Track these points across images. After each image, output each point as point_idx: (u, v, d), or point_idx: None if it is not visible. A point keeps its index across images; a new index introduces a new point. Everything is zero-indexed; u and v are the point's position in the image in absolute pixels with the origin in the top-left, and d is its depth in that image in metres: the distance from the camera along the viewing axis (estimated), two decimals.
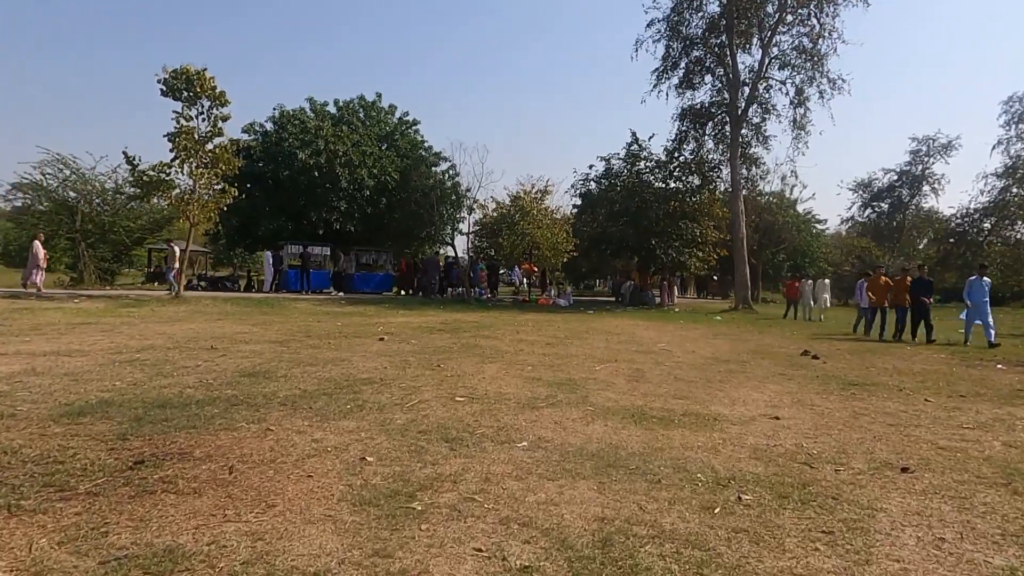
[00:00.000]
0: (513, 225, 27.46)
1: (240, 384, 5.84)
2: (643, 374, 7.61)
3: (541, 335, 12.29)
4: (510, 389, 6.18)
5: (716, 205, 27.59)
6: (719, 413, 5.44)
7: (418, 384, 6.25)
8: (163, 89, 16.60)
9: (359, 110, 28.44)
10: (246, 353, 8.05)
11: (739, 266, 24.89)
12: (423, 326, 13.16)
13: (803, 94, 25.49)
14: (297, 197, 25.11)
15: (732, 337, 13.62)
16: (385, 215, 27.38)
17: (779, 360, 9.70)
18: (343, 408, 4.98)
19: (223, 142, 18.06)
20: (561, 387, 6.41)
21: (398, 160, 27.25)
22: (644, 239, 25.98)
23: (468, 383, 6.43)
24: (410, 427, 4.46)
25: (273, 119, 26.95)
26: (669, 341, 12.14)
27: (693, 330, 15.26)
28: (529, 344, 10.54)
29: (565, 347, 10.38)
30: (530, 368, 7.73)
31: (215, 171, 17.74)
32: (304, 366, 7.15)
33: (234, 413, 4.64)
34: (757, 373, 8.13)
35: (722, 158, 27.38)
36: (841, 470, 3.86)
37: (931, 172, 57.93)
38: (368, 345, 9.49)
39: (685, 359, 9.34)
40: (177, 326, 11.37)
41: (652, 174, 27.93)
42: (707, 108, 26.70)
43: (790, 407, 5.86)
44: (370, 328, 12.31)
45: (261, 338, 9.93)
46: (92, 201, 22.30)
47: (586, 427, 4.72)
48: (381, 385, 6.12)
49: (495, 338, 11.30)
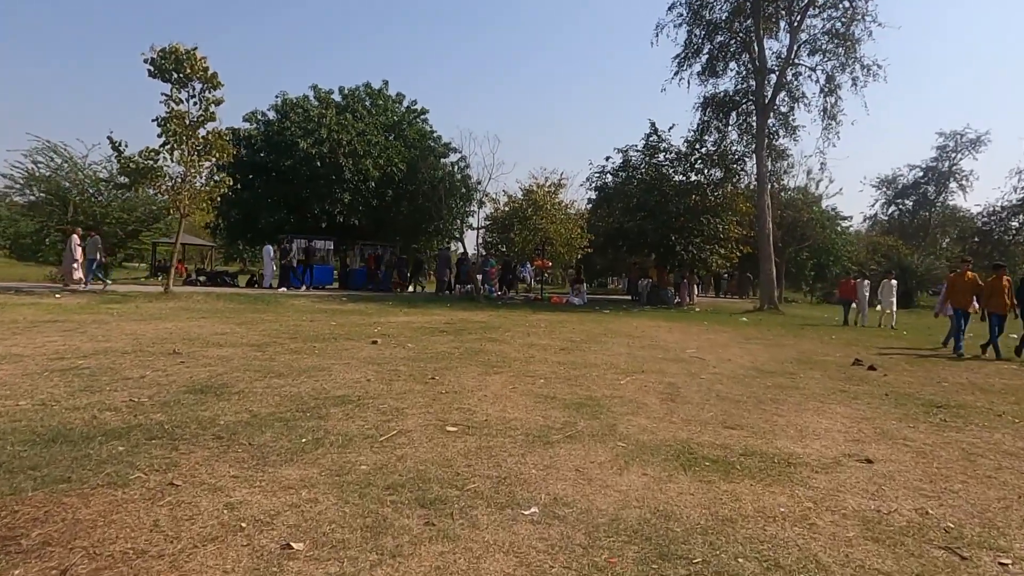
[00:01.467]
0: (525, 220, 26.22)
1: (179, 405, 4.65)
2: (678, 390, 6.33)
3: (555, 338, 11.04)
4: (517, 413, 4.94)
5: (739, 199, 26.13)
6: (790, 452, 4.16)
7: (403, 405, 5.03)
8: (151, 70, 15.50)
9: (365, 98, 27.24)
10: (211, 360, 6.88)
11: (764, 264, 23.43)
12: (425, 327, 11.96)
13: (834, 81, 23.94)
14: (299, 188, 24.00)
15: (766, 342, 12.28)
16: (391, 208, 26.18)
17: (830, 372, 8.37)
18: (295, 444, 3.77)
19: (217, 128, 17.00)
20: (581, 410, 5.16)
21: (405, 151, 26.03)
22: (663, 235, 24.58)
23: (466, 403, 5.20)
24: (376, 478, 3.23)
25: (276, 107, 25.85)
26: (698, 346, 10.83)
27: (721, 333, 13.92)
28: (541, 350, 9.30)
29: (582, 353, 9.12)
30: (542, 382, 6.48)
31: (207, 158, 16.67)
32: (271, 378, 5.95)
33: (141, 454, 3.43)
34: (813, 389, 6.83)
35: (746, 150, 25.90)
36: (1007, 561, 2.59)
37: (959, 168, 56.17)
38: (358, 350, 8.30)
39: (722, 369, 8.05)
40: (151, 325, 10.24)
41: (672, 167, 26.48)
42: (731, 97, 25.20)
43: (877, 442, 4.57)
44: (366, 329, 11.12)
45: (238, 340, 8.76)
46: (85, 191, 21.30)
47: (619, 476, 3.47)
48: (356, 406, 4.90)
49: (503, 342, 10.06)
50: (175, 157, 16.22)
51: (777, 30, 24.87)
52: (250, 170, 24.83)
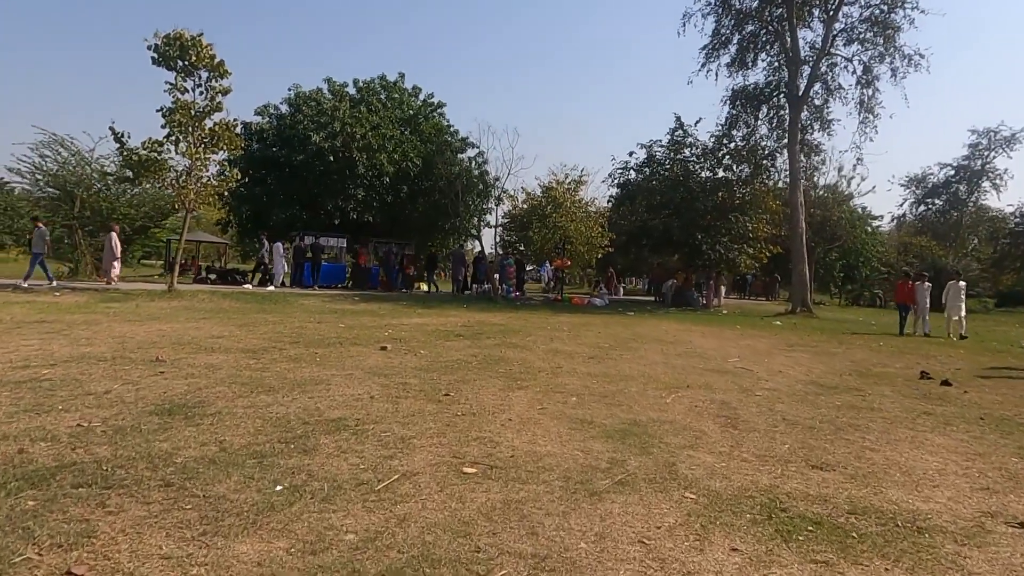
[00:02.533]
0: (544, 218, 25.26)
1: (134, 433, 3.78)
2: (736, 413, 5.36)
3: (581, 343, 10.09)
4: (550, 445, 4.01)
5: (769, 197, 24.95)
6: (912, 509, 3.19)
7: (410, 432, 4.12)
8: (155, 57, 14.79)
9: (380, 91, 26.39)
10: (196, 369, 6.03)
11: (797, 264, 22.24)
12: (440, 330, 11.07)
13: (872, 72, 22.71)
14: (311, 184, 23.23)
15: (813, 350, 11.22)
16: (407, 205, 25.33)
17: (900, 387, 7.33)
18: (263, 497, 2.86)
19: (225, 119, 16.25)
20: (627, 440, 4.22)
21: (421, 146, 25.14)
22: (689, 233, 23.48)
23: (486, 430, 4.28)
24: (366, 558, 2.32)
25: (289, 101, 25.12)
26: (739, 354, 9.81)
27: (758, 339, 12.88)
28: (568, 357, 8.35)
29: (615, 362, 8.16)
30: (574, 400, 5.54)
31: (213, 150, 15.94)
32: (258, 393, 5.08)
33: (53, 513, 2.55)
34: (892, 411, 5.81)
35: (777, 145, 24.75)
36: None
37: (992, 167, 54.36)
38: (364, 357, 7.42)
39: (777, 384, 7.05)
40: (144, 327, 9.46)
41: (699, 163, 25.36)
42: (761, 89, 24.06)
43: (1015, 492, 3.58)
44: (376, 332, 10.26)
45: (234, 345, 7.92)
46: (92, 186, 20.73)
47: (700, 554, 2.52)
48: (353, 434, 4.00)
49: (525, 348, 9.13)
50: (180, 149, 15.52)
51: (811, 19, 23.71)
52: (261, 165, 24.12)
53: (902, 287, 16.95)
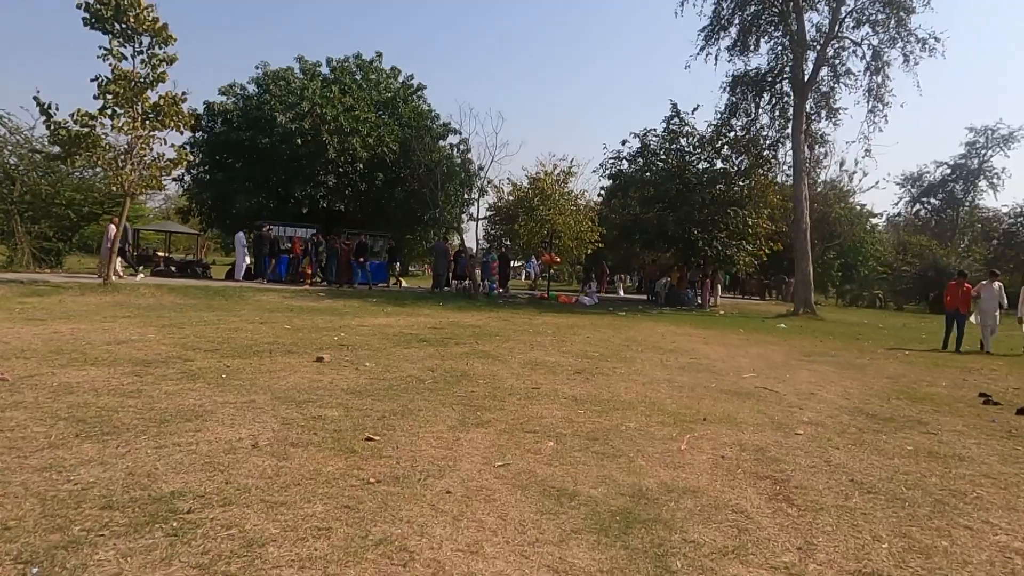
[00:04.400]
0: (531, 210, 23.65)
1: None
2: (782, 470, 3.75)
3: (566, 352, 8.48)
4: (501, 560, 2.38)
5: (770, 190, 23.46)
6: None
7: (270, 529, 2.47)
8: (86, 18, 12.95)
9: (355, 71, 24.50)
10: (39, 393, 4.37)
11: (801, 262, 20.70)
12: (403, 333, 9.43)
13: (882, 58, 21.18)
14: (279, 170, 21.39)
15: (834, 361, 9.67)
16: (382, 194, 23.52)
17: (970, 419, 5.76)
18: None
19: (173, 92, 14.46)
20: (630, 540, 2.60)
21: (399, 130, 23.31)
22: (685, 228, 21.91)
23: (402, 520, 2.64)
24: None
25: (256, 80, 23.21)
26: (754, 367, 8.24)
27: (768, 345, 11.33)
28: (549, 372, 6.74)
29: (606, 379, 6.55)
30: (552, 447, 3.92)
31: (156, 125, 14.12)
32: (85, 440, 3.42)
33: None
34: (990, 463, 4.22)
35: (779, 135, 23.21)
36: None
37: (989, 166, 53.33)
38: (287, 373, 5.76)
39: (817, 414, 5.46)
40: (38, 328, 7.73)
41: (695, 153, 23.77)
42: (764, 75, 22.48)
43: None
44: (324, 336, 8.60)
45: (129, 355, 6.23)
46: (35, 168, 18.83)
47: None
48: (169, 535, 2.36)
49: (499, 358, 7.51)
50: (117, 124, 13.70)
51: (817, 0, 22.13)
52: (225, 149, 22.24)
53: (954, 289, 12.98)
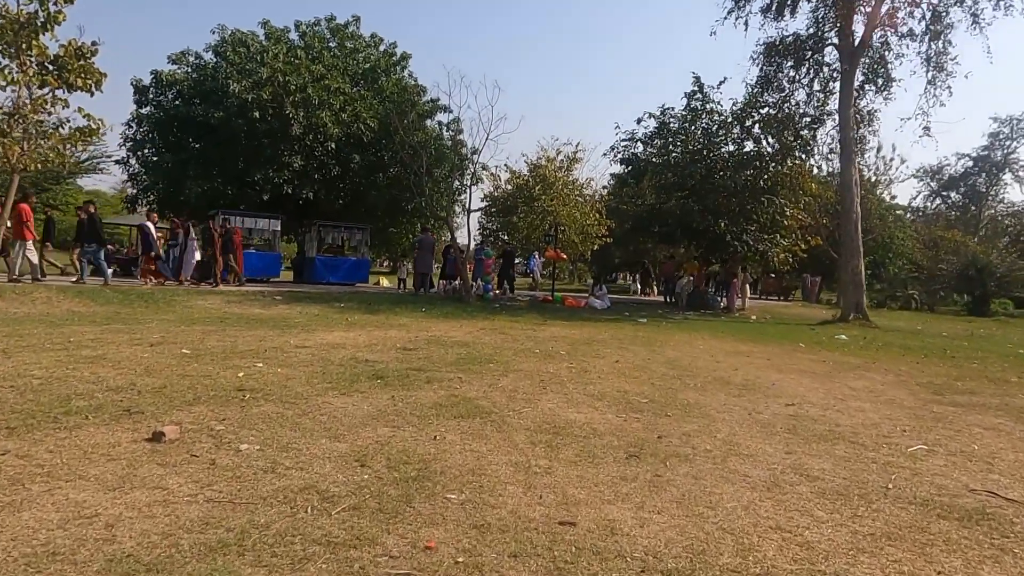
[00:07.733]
0: (532, 200, 20.53)
1: None
2: None
3: (596, 396, 5.27)
4: None
5: (805, 177, 20.33)
6: None
7: None
8: None
9: (328, 36, 21.24)
10: None
11: (851, 259, 17.57)
12: (353, 361, 6.26)
13: (943, 20, 18.04)
14: (236, 150, 18.17)
15: (987, 406, 6.52)
16: (360, 180, 20.30)
17: None
18: None
19: (81, 42, 11.32)
20: None
21: (378, 106, 20.10)
22: (711, 220, 18.76)
23: None
24: None
25: (213, 47, 19.94)
26: (900, 426, 5.09)
27: (867, 376, 8.15)
28: (583, 460, 3.50)
29: (694, 481, 3.34)
30: None
31: (54, 83, 10.98)
32: None
33: None
34: None
35: (818, 112, 20.10)
36: None
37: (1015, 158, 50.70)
38: (37, 494, 2.58)
39: None
40: None
41: (720, 135, 20.61)
42: (804, 41, 19.32)
43: None
44: (226, 372, 5.40)
45: None
46: None
47: None
48: None
49: (490, 417, 4.28)
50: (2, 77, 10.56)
51: None
52: (175, 126, 19.01)
53: None
